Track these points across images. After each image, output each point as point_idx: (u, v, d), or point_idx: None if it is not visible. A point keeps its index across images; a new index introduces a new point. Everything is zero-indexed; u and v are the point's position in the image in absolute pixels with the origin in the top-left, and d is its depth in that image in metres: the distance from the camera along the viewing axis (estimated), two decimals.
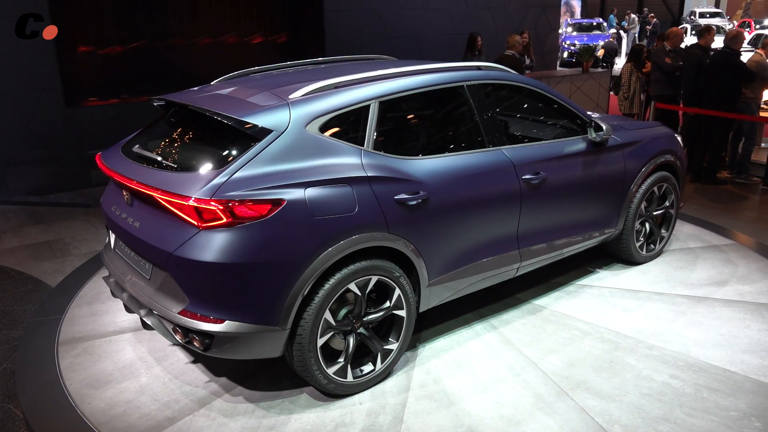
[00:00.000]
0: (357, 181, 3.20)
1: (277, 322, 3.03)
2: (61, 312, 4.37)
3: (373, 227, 3.23)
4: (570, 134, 4.37)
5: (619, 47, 22.28)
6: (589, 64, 10.95)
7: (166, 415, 3.26)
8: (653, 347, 3.83)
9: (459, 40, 10.86)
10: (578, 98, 10.56)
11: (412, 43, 9.60)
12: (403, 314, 3.51)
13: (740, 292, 4.54)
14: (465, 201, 3.63)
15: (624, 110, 8.95)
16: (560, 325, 4.12)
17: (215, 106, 3.23)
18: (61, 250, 5.71)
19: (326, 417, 3.23)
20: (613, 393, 3.39)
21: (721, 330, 4.02)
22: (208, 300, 3.00)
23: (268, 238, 2.94)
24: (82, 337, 4.01)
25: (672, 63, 8.11)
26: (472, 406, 3.30)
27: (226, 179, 2.92)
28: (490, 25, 10.80)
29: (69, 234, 6.13)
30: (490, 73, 4.04)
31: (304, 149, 3.15)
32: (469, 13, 11.34)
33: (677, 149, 5.05)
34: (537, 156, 4.03)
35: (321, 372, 3.21)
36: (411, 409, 3.28)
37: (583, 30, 22.61)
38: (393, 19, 10.29)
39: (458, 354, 3.80)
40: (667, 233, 5.19)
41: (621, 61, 17.98)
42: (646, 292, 4.56)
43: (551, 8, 13.12)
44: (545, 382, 3.49)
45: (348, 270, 3.20)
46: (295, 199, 3.00)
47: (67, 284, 4.87)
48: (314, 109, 3.25)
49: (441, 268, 3.64)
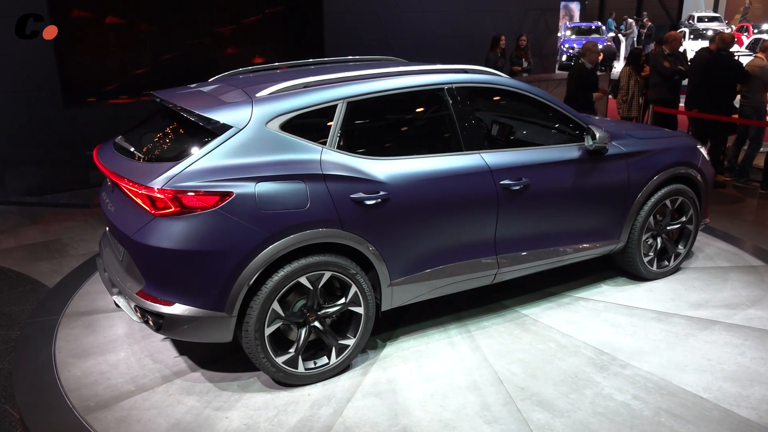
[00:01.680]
0: (311, 178, 3.30)
1: (224, 309, 3.19)
2: (59, 313, 4.36)
3: (325, 224, 3.32)
4: (564, 141, 4.25)
5: (617, 51, 22.55)
6: None
7: (129, 389, 3.51)
8: (627, 366, 3.67)
9: (458, 42, 10.90)
10: None
11: (411, 45, 9.44)
12: (361, 311, 3.57)
13: (749, 317, 4.24)
14: (431, 203, 3.63)
15: (622, 114, 8.93)
16: (538, 336, 4.02)
17: (186, 103, 3.43)
18: (59, 250, 5.64)
19: (272, 403, 3.36)
20: (564, 408, 3.29)
21: (710, 355, 3.78)
22: (159, 283, 3.20)
23: (214, 228, 3.11)
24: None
25: (671, 67, 8.04)
26: (415, 407, 3.31)
27: (180, 171, 3.11)
28: (489, 28, 10.68)
29: (67, 235, 6.06)
30: (476, 77, 4.00)
31: (262, 145, 3.28)
32: (468, 16, 11.28)
33: (697, 161, 4.76)
34: (520, 162, 3.95)
35: (268, 360, 3.34)
36: (354, 404, 3.34)
37: (582, 33, 22.84)
38: (392, 21, 10.27)
39: (422, 356, 3.81)
40: (684, 250, 4.91)
41: (619, 65, 17.98)
42: (644, 310, 4.35)
43: (550, 11, 13.17)
44: (498, 391, 3.44)
45: (298, 264, 3.30)
46: (244, 192, 3.15)
47: (65, 285, 4.85)
48: (277, 107, 3.38)
49: (405, 268, 3.67)
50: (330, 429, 3.15)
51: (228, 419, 3.23)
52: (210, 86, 3.82)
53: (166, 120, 3.65)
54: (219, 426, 3.18)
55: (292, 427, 3.16)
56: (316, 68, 4.27)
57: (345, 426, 3.17)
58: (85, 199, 7.18)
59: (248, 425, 3.19)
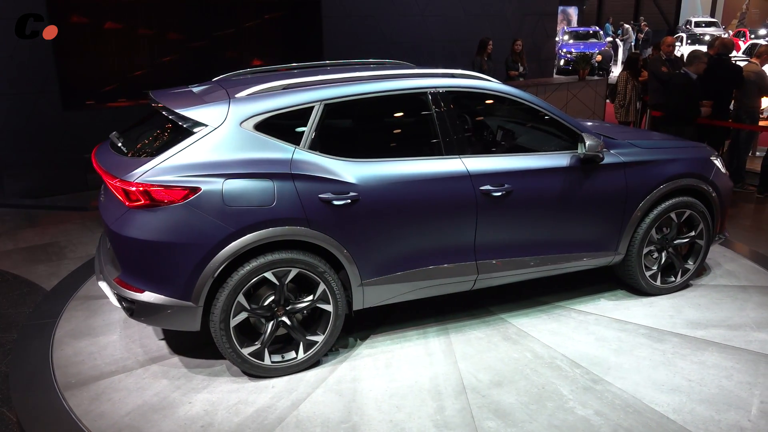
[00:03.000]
0: (279, 177, 3.41)
1: (190, 298, 3.34)
2: (56, 315, 4.37)
3: (290, 222, 3.41)
4: (557, 147, 4.17)
5: (615, 55, 22.57)
6: (585, 72, 10.85)
7: (110, 369, 3.73)
8: (599, 381, 3.56)
9: (456, 47, 10.86)
10: (575, 106, 10.25)
11: (409, 50, 9.33)
12: (330, 309, 3.64)
13: (749, 340, 4.01)
14: (403, 206, 3.66)
15: (620, 118, 8.93)
16: (516, 344, 3.97)
17: (169, 102, 3.61)
18: (56, 253, 5.65)
19: (235, 392, 3.48)
20: (520, 419, 3.24)
21: (693, 375, 3.61)
22: (132, 271, 3.40)
23: (181, 222, 3.26)
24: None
25: (668, 71, 7.97)
26: (370, 406, 3.35)
27: (153, 166, 3.29)
28: (488, 33, 10.50)
29: (65, 237, 6.06)
30: (462, 82, 3.99)
31: (235, 144, 3.42)
32: (466, 20, 11.22)
33: (708, 174, 4.54)
34: (503, 168, 3.91)
35: (234, 350, 3.47)
36: (313, 399, 3.42)
37: (580, 38, 22.83)
38: (391, 25, 10.22)
39: (395, 357, 3.84)
40: (694, 266, 4.69)
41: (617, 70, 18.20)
42: (637, 326, 4.20)
43: (548, 16, 13.13)
44: (458, 397, 3.43)
45: (264, 259, 3.41)
46: (211, 188, 3.29)
47: (62, 288, 4.86)
48: (254, 107, 3.51)
49: (376, 269, 3.71)
50: (282, 421, 3.24)
51: (191, 404, 3.38)
52: (203, 86, 3.99)
53: (154, 118, 3.85)
54: (180, 410, 3.33)
55: (247, 416, 3.28)
56: (315, 70, 4.37)
57: (297, 419, 3.25)
58: (83, 202, 7.16)
59: (207, 411, 3.33)
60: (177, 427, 3.19)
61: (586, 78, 10.78)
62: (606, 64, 19.23)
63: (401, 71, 4.01)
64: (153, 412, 3.32)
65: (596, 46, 21.06)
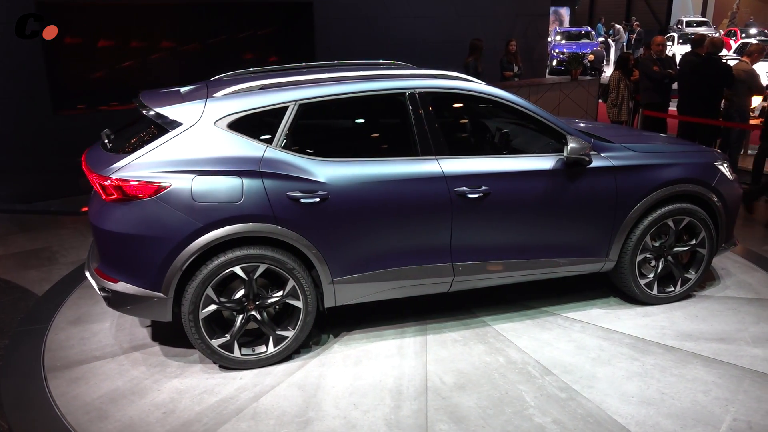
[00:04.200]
0: (248, 175, 3.50)
1: (160, 290, 3.48)
2: (48, 321, 4.34)
3: (257, 219, 3.50)
4: (542, 150, 4.09)
5: (607, 55, 22.74)
6: (577, 72, 10.82)
7: (95, 355, 3.92)
8: (566, 389, 3.48)
9: (449, 48, 10.75)
10: (567, 106, 10.14)
11: (402, 51, 9.11)
12: (300, 305, 3.71)
13: (740, 355, 3.82)
14: (375, 206, 3.68)
15: (612, 117, 8.99)
16: (492, 348, 3.92)
17: (151, 101, 3.76)
18: (48, 258, 5.56)
19: (203, 382, 3.60)
20: (474, 423, 3.21)
21: (668, 389, 3.48)
22: (108, 261, 3.57)
23: (151, 216, 3.40)
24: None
25: (660, 71, 8.12)
26: (328, 402, 3.40)
27: (128, 162, 3.44)
28: (480, 34, 10.34)
29: (57, 242, 5.95)
30: (444, 83, 3.98)
31: (208, 142, 3.53)
32: (458, 21, 11.20)
33: (711, 180, 4.34)
34: (481, 170, 3.87)
35: (203, 341, 3.58)
36: (275, 393, 3.49)
37: (572, 38, 22.90)
38: (383, 27, 10.16)
39: (366, 355, 3.87)
40: (695, 275, 4.49)
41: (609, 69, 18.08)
42: (623, 335, 4.07)
43: (540, 17, 13.19)
44: (417, 398, 3.42)
45: (233, 255, 3.51)
46: (181, 184, 3.41)
47: (54, 293, 4.82)
48: (229, 107, 3.61)
49: (347, 268, 3.75)
50: (240, 412, 3.33)
51: (159, 391, 3.52)
52: (192, 87, 4.13)
53: (140, 116, 4.01)
54: (148, 396, 3.48)
55: (208, 406, 3.38)
56: (306, 70, 4.44)
57: (255, 411, 3.33)
58: (75, 206, 6.98)
59: (173, 399, 3.46)
60: (140, 413, 3.33)
61: (578, 78, 10.83)
62: (598, 64, 19.38)
63: (382, 72, 4.04)
64: (122, 397, 3.48)
65: (588, 47, 21.25)
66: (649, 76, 8.24)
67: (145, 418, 3.29)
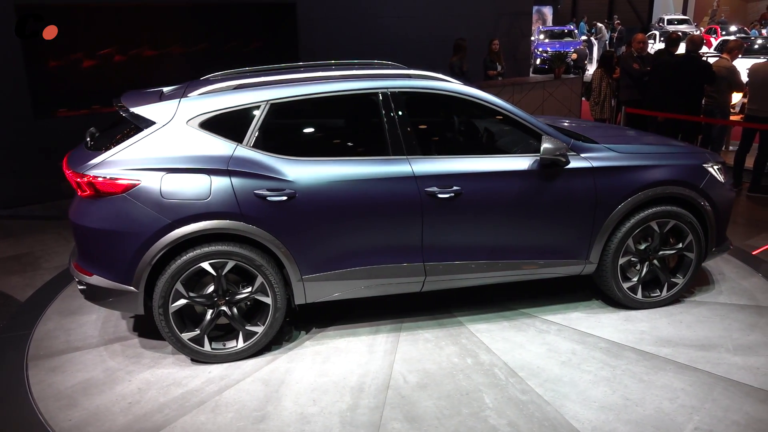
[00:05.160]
0: (216, 173, 3.58)
1: (131, 283, 3.59)
2: (31, 327, 4.31)
3: (224, 216, 3.57)
4: (519, 150, 4.05)
5: (590, 54, 22.90)
6: (561, 71, 10.93)
7: (77, 345, 4.07)
8: (528, 392, 3.45)
9: (433, 47, 10.72)
10: (551, 104, 10.13)
11: (387, 50, 9.04)
12: (269, 301, 3.77)
13: (717, 363, 3.71)
14: (343, 205, 3.71)
15: (595, 115, 9.10)
16: (463, 349, 3.91)
17: (129, 101, 3.87)
18: (31, 264, 5.49)
19: (173, 375, 3.70)
20: (428, 423, 3.22)
21: (633, 395, 3.41)
22: (84, 256, 3.70)
23: (120, 212, 3.52)
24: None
25: (639, 68, 8.21)
26: (288, 398, 3.45)
27: (102, 160, 3.57)
28: (463, 33, 10.26)
29: (39, 247, 5.89)
30: (417, 83, 3.98)
31: (179, 141, 3.63)
32: (443, 21, 11.23)
33: (698, 182, 4.21)
34: (453, 170, 3.86)
35: (173, 335, 3.68)
36: (239, 387, 3.56)
37: (555, 37, 23.20)
38: (367, 27, 10.17)
39: (336, 352, 3.90)
40: (683, 280, 4.38)
41: (592, 68, 18.12)
42: (598, 339, 4.00)
43: (523, 16, 13.30)
44: (377, 396, 3.44)
45: (201, 251, 3.60)
46: (150, 181, 3.52)
47: (37, 299, 4.78)
48: (202, 106, 3.70)
49: (316, 265, 3.79)
50: (202, 404, 3.41)
51: (130, 382, 3.64)
52: (175, 87, 4.23)
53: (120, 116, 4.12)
54: (118, 386, 3.59)
55: (173, 397, 3.48)
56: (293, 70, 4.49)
57: (216, 404, 3.41)
58: (57, 211, 6.87)
59: (141, 389, 3.57)
60: (107, 402, 3.45)
61: (561, 76, 10.88)
62: (581, 62, 19.65)
63: (356, 72, 4.07)
64: (94, 386, 3.60)
65: (571, 45, 21.56)
66: (629, 73, 8.34)
67: (111, 407, 3.41)
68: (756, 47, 16.79)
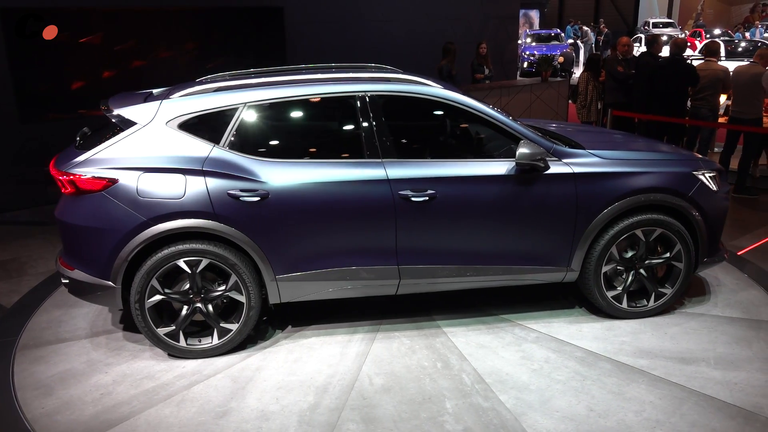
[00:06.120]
0: (191, 173, 3.67)
1: (109, 279, 3.72)
2: (16, 334, 4.28)
3: (198, 215, 3.66)
4: (500, 155, 4.01)
5: (576, 57, 23.17)
6: (548, 74, 11.00)
7: (64, 336, 4.23)
8: (491, 399, 3.42)
9: (420, 51, 10.76)
10: (538, 107, 10.11)
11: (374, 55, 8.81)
12: (243, 299, 3.84)
13: (692, 377, 3.60)
14: (315, 206, 3.75)
15: (582, 118, 9.13)
16: (435, 353, 3.90)
17: (114, 102, 4.00)
18: (17, 270, 5.43)
19: (148, 369, 3.80)
20: (384, 425, 3.23)
21: (599, 406, 3.34)
22: (67, 251, 3.85)
23: (99, 209, 3.64)
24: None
25: (624, 71, 8.29)
26: (253, 395, 3.51)
27: (84, 159, 3.70)
28: (450, 36, 10.18)
29: (25, 253, 5.83)
30: (395, 87, 3.99)
31: (158, 141, 3.73)
32: (430, 25, 11.27)
33: (687, 190, 4.09)
34: (427, 174, 3.85)
35: (149, 329, 3.79)
36: (208, 383, 3.64)
37: (542, 40, 23.35)
38: (354, 31, 10.18)
39: (309, 352, 3.95)
40: (672, 290, 4.26)
41: (579, 71, 18.31)
42: (575, 347, 3.94)
43: (510, 19, 13.34)
44: (339, 397, 3.47)
45: (175, 248, 3.70)
46: (127, 180, 3.63)
47: (23, 305, 4.74)
48: (181, 108, 3.80)
49: (290, 265, 3.84)
50: (169, 398, 3.50)
51: (106, 374, 3.76)
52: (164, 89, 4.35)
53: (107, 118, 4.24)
54: (94, 378, 3.72)
55: (144, 390, 3.58)
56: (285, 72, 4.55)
57: (182, 398, 3.49)
58: (43, 216, 6.84)
59: (115, 381, 3.68)
60: (81, 392, 3.58)
61: (548, 79, 10.95)
62: (568, 65, 19.69)
63: (335, 75, 4.11)
64: (72, 376, 3.74)
65: (558, 48, 21.69)
66: (614, 76, 8.40)
67: (83, 397, 3.53)
68: (740, 50, 17.09)
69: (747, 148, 7.38)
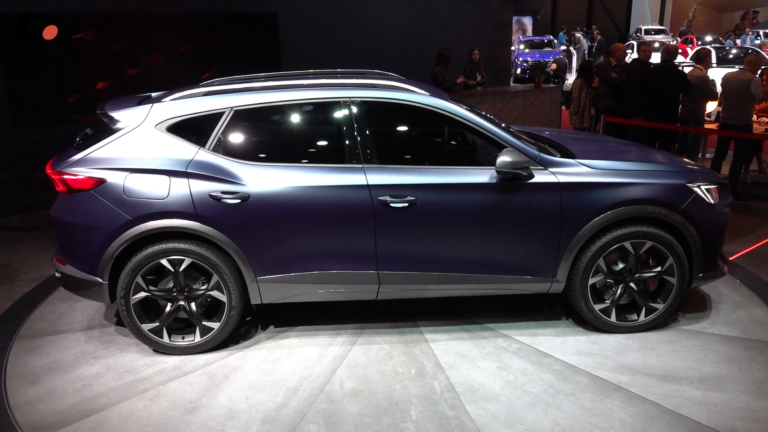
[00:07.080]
0: (176, 174, 3.79)
1: (97, 274, 3.86)
2: (9, 339, 4.27)
3: (180, 215, 3.77)
4: (485, 162, 3.98)
5: (569, 63, 23.08)
6: (541, 80, 11.04)
7: (62, 329, 4.41)
8: (457, 408, 3.40)
9: (413, 57, 10.72)
10: (531, 113, 10.03)
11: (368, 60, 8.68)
12: (224, 299, 3.93)
13: (671, 395, 3.48)
14: (295, 209, 3.81)
15: (575, 124, 9.16)
16: (412, 359, 3.89)
17: (108, 105, 4.15)
18: (8, 275, 5.41)
19: (132, 363, 3.93)
20: (344, 429, 3.26)
21: (565, 421, 3.28)
22: (60, 246, 4.02)
23: (88, 207, 3.79)
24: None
25: (617, 77, 8.29)
26: (225, 393, 3.59)
27: (77, 158, 3.86)
28: (444, 43, 10.07)
29: (18, 259, 5.78)
30: (381, 93, 4.01)
31: (146, 143, 3.86)
32: (423, 31, 11.31)
33: (680, 202, 3.97)
34: (408, 180, 3.86)
35: (134, 325, 3.92)
36: (185, 379, 3.74)
37: (535, 47, 23.53)
38: (348, 37, 10.19)
39: (288, 353, 4.00)
40: (663, 305, 4.13)
41: (572, 77, 18.25)
42: (556, 360, 3.86)
43: (503, 26, 13.38)
44: (307, 399, 3.51)
45: (159, 247, 3.82)
46: (115, 180, 3.77)
47: (15, 311, 4.72)
48: (170, 111, 3.93)
49: (271, 267, 3.91)
50: (145, 392, 3.61)
51: (92, 366, 3.91)
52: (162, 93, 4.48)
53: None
54: (80, 370, 3.87)
55: (123, 384, 3.71)
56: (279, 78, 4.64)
57: (157, 393, 3.60)
58: (36, 222, 6.83)
59: (99, 374, 3.82)
60: (64, 383, 3.73)
61: (541, 86, 10.96)
62: (561, 72, 19.59)
63: (321, 81, 4.16)
64: (59, 367, 3.90)
65: (551, 55, 21.74)
66: (607, 82, 8.42)
67: (66, 387, 3.68)
68: (731, 57, 16.67)
69: (737, 154, 7.41)
